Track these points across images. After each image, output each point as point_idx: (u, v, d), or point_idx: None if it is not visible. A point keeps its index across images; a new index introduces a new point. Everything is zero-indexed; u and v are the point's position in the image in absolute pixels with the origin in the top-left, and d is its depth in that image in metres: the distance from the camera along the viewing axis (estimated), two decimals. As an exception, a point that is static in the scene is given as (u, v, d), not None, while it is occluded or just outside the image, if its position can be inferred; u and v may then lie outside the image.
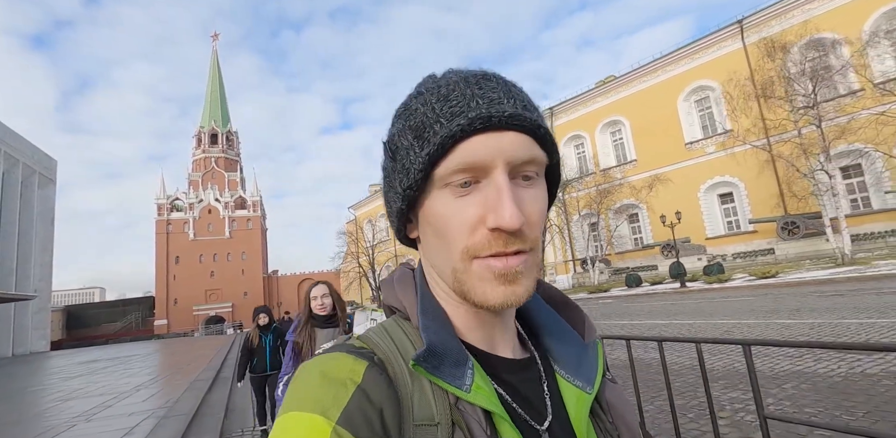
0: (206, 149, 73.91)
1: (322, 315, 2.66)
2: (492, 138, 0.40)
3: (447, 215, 0.42)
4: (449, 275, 0.44)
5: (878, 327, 6.37)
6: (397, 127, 0.44)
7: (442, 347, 0.42)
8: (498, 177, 0.40)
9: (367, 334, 0.47)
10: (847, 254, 18.54)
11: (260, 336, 4.96)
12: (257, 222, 72.28)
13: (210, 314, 65.28)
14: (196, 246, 67.90)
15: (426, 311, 0.45)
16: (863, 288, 11.64)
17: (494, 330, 0.47)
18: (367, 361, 0.42)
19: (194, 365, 12.45)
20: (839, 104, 23.09)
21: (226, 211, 70.07)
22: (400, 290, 0.50)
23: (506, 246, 0.40)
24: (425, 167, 0.41)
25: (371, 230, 51.61)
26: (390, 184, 0.46)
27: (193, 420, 5.36)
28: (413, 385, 0.42)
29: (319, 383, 0.39)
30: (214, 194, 70.40)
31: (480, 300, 0.42)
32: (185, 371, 11.15)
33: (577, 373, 0.48)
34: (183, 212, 68.87)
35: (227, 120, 78.12)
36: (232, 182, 73.41)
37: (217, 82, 79.19)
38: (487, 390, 0.42)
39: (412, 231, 0.48)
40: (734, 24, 29.15)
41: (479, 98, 0.41)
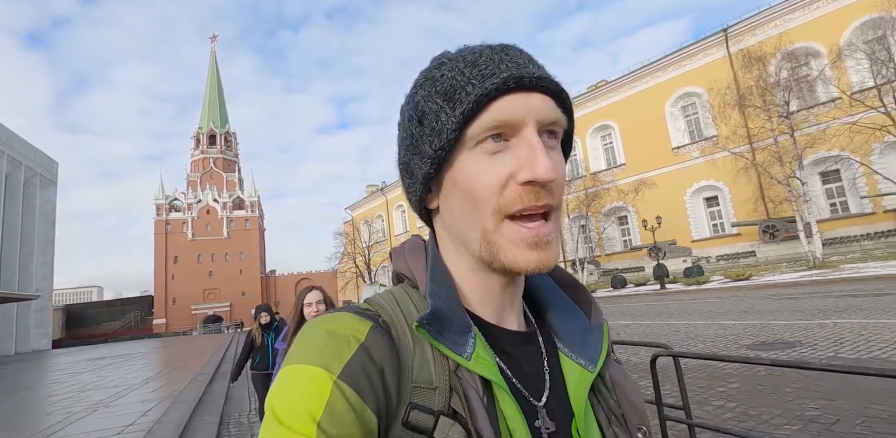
0: (204, 150, 74.59)
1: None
2: (522, 98, 0.41)
3: (479, 173, 0.42)
4: (477, 239, 0.44)
5: (798, 328, 7.22)
6: (422, 94, 0.45)
7: (446, 313, 0.43)
8: (529, 134, 0.41)
9: (374, 297, 0.48)
10: (818, 258, 19.44)
11: (262, 334, 5.05)
12: (255, 222, 73.02)
13: (208, 313, 66.03)
14: (194, 246, 68.62)
15: (435, 278, 0.46)
16: (817, 291, 12.52)
17: (504, 304, 0.48)
18: (371, 322, 0.43)
19: (195, 360, 13.28)
20: (813, 113, 24.03)
21: (224, 211, 70.80)
22: (411, 258, 0.51)
23: (537, 200, 0.41)
24: (459, 126, 0.42)
25: (367, 231, 52.35)
26: (415, 149, 0.46)
27: (198, 405, 6.21)
28: (415, 348, 0.42)
29: (323, 339, 0.40)
30: (213, 195, 71.11)
31: (510, 263, 0.42)
32: (187, 366, 11.98)
33: (581, 352, 0.49)
34: (182, 212, 69.56)
35: (225, 121, 78.80)
36: (230, 182, 74.11)
37: (215, 83, 79.86)
38: (488, 359, 0.43)
39: (431, 200, 0.48)
40: (719, 32, 30.03)
41: (507, 62, 0.42)
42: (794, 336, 6.60)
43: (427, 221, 0.51)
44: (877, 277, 13.49)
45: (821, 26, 25.86)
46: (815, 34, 25.91)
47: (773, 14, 27.95)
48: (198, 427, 5.08)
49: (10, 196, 33.03)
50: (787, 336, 6.65)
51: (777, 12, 27.80)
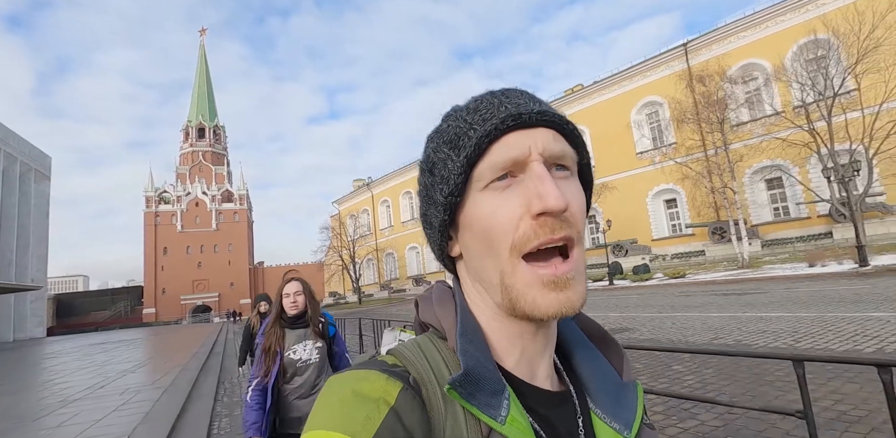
0: (193, 144, 75.66)
1: (293, 313, 2.43)
2: (523, 134, 0.41)
3: (490, 213, 0.41)
4: (497, 284, 0.42)
5: (646, 319, 9.50)
6: (431, 147, 0.46)
7: (479, 373, 0.40)
8: (536, 167, 0.41)
9: (401, 350, 0.45)
10: (746, 259, 21.94)
11: (261, 322, 4.98)
12: (244, 215, 74.53)
13: (197, 303, 67.79)
14: (184, 238, 70.05)
15: (465, 333, 0.43)
16: (718, 289, 14.93)
17: (534, 356, 0.46)
18: (401, 382, 0.40)
19: (192, 344, 15.38)
20: (746, 129, 26.53)
21: (213, 204, 72.18)
22: (439, 308, 0.48)
23: (553, 233, 0.40)
24: (465, 170, 0.42)
25: (353, 224, 54.20)
26: (429, 199, 0.46)
27: (200, 372, 8.36)
28: (446, 410, 0.40)
29: (351, 401, 0.38)
30: (202, 187, 72.42)
31: (530, 308, 0.40)
32: (186, 347, 14.11)
33: (615, 415, 0.46)
34: (171, 204, 70.83)
35: (214, 114, 79.74)
36: (219, 175, 75.38)
37: (204, 77, 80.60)
38: (523, 423, 0.40)
39: (453, 248, 0.48)
40: (679, 46, 32.26)
41: (506, 104, 0.43)
42: (633, 325, 8.89)
43: (451, 270, 0.51)
44: (785, 277, 15.84)
45: (768, 44, 28.18)
46: (764, 51, 28.25)
47: (728, 31, 30.23)
48: (203, 384, 7.24)
49: (7, 190, 34.47)
50: (627, 325, 8.93)
51: (732, 30, 30.08)
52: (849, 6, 22.21)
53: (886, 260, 15.07)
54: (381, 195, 58.34)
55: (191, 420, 4.94)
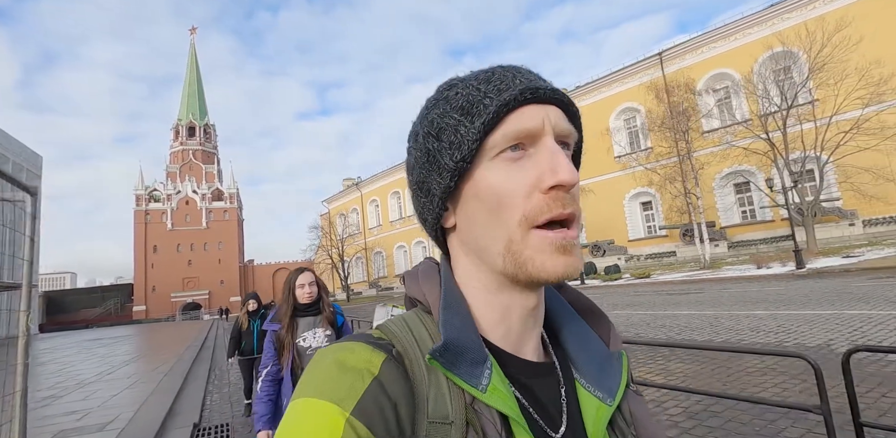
0: (183, 142, 76.07)
1: (307, 303, 2.47)
2: (539, 108, 0.42)
3: (501, 182, 0.42)
4: (500, 252, 0.43)
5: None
6: (436, 112, 0.45)
7: (460, 343, 0.41)
8: (549, 142, 0.42)
9: (387, 325, 0.46)
10: (707, 260, 23.41)
11: (249, 320, 5.24)
12: (234, 213, 75.18)
13: (187, 301, 68.47)
14: (174, 236, 70.62)
15: (449, 305, 0.45)
16: (669, 289, 16.32)
17: (522, 329, 0.46)
18: (385, 353, 0.41)
19: (184, 339, 16.50)
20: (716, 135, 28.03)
21: (203, 202, 72.77)
22: (424, 283, 0.49)
23: (563, 207, 0.41)
24: (480, 136, 0.42)
25: (342, 223, 55.17)
26: (433, 165, 0.45)
27: (193, 362, 9.53)
28: (430, 380, 0.41)
29: (336, 371, 0.39)
30: (192, 186, 72.95)
31: (538, 270, 0.41)
32: (179, 342, 15.24)
33: (599, 383, 0.48)
34: (161, 202, 71.31)
35: (204, 113, 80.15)
36: (209, 174, 75.91)
37: (195, 75, 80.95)
38: (504, 392, 0.41)
39: (448, 219, 0.48)
40: (655, 55, 33.69)
41: (520, 77, 0.43)
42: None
43: (440, 242, 0.51)
44: (733, 278, 17.23)
45: (736, 56, 29.65)
46: (733, 62, 29.74)
47: (701, 42, 31.71)
48: (196, 370, 8.43)
49: (-1, 190, 35.08)
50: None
51: (703, 40, 31.56)
52: (800, 25, 23.69)
53: (821, 263, 16.55)
54: (370, 195, 59.40)
55: (189, 395, 6.13)
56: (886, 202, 22.08)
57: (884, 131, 20.14)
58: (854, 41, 20.71)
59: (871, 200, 22.24)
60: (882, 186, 21.20)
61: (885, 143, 20.56)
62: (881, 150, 20.25)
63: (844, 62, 20.57)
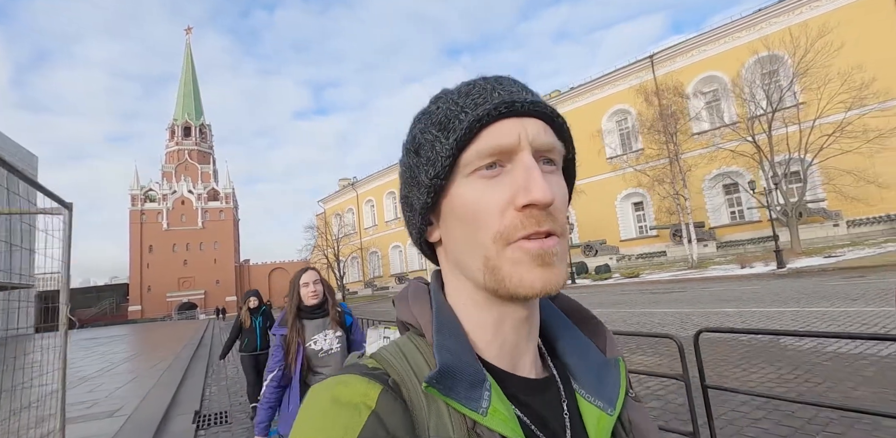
0: (179, 142, 76.11)
1: (312, 304, 2.38)
2: (516, 123, 0.41)
3: (476, 200, 0.41)
4: (479, 268, 0.42)
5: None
6: (418, 127, 0.45)
7: (457, 367, 0.40)
8: (525, 158, 0.40)
9: (381, 353, 0.45)
10: (695, 260, 23.92)
11: (251, 318, 5.30)
12: (230, 213, 75.29)
13: (183, 300, 68.57)
14: (169, 236, 70.70)
15: (441, 328, 0.44)
16: (654, 289, 16.79)
17: (517, 344, 0.45)
18: (381, 384, 0.40)
19: (181, 338, 16.84)
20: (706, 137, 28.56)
21: (199, 202, 72.85)
22: (415, 305, 0.48)
23: (539, 225, 0.40)
24: (453, 153, 0.41)
25: (337, 223, 55.50)
26: (413, 181, 0.45)
27: (191, 359, 9.91)
28: (429, 408, 0.40)
29: (331, 408, 0.38)
30: (188, 186, 73.01)
31: (516, 286, 0.40)
32: (177, 340, 15.58)
33: (599, 393, 0.47)
34: (157, 202, 71.35)
35: (200, 113, 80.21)
36: (205, 174, 75.98)
37: (190, 75, 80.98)
38: (506, 413, 0.40)
39: (432, 233, 0.47)
40: (646, 57, 34.22)
41: (499, 90, 0.42)
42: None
43: (429, 256, 0.51)
44: (717, 277, 17.71)
45: (726, 59, 30.20)
46: (722, 65, 30.29)
47: (691, 45, 32.26)
48: (195, 366, 8.81)
49: (-5, 190, 35.24)
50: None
51: (693, 44, 32.11)
52: (785, 30, 24.23)
53: (802, 263, 17.07)
54: (366, 195, 59.75)
55: (189, 387, 6.51)
56: (867, 203, 22.64)
57: (866, 134, 20.68)
58: (836, 47, 21.25)
59: (853, 202, 22.80)
60: (863, 188, 21.76)
61: (867, 146, 21.10)
62: (863, 153, 20.80)
63: (827, 67, 21.10)
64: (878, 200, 22.56)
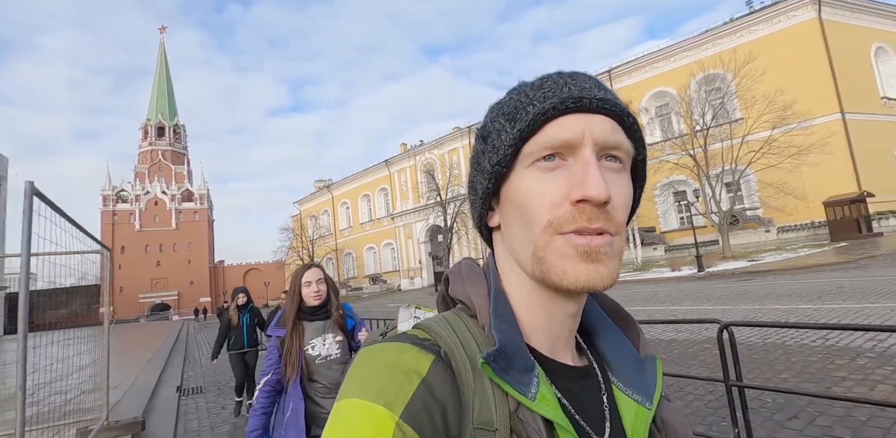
0: (152, 142, 75.79)
1: (315, 304, 2.21)
2: (581, 118, 0.41)
3: (532, 189, 0.42)
4: (529, 256, 0.43)
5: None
6: (490, 116, 0.46)
7: (512, 350, 0.41)
8: (586, 154, 0.40)
9: (430, 324, 0.45)
10: (639, 263, 26.12)
11: (239, 315, 5.25)
12: (204, 214, 75.32)
13: (156, 301, 68.44)
14: (142, 237, 70.42)
15: (498, 310, 0.44)
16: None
17: (560, 333, 0.46)
18: (433, 354, 0.41)
19: (158, 337, 18.04)
20: (657, 147, 30.95)
21: (172, 203, 72.74)
22: (469, 284, 0.49)
23: (589, 222, 0.40)
24: (515, 143, 0.42)
25: (313, 225, 56.41)
26: (478, 167, 0.47)
27: (170, 353, 11.31)
28: (475, 385, 0.40)
29: (384, 372, 0.38)
30: (161, 187, 72.82)
31: (560, 277, 0.41)
32: (154, 340, 16.80)
33: (636, 387, 0.48)
34: (129, 203, 70.97)
35: (174, 113, 79.89)
36: (179, 175, 75.83)
37: (164, 75, 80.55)
38: (552, 400, 0.41)
39: (492, 218, 0.48)
40: (605, 72, 36.51)
41: (571, 85, 0.42)
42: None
43: (487, 240, 0.52)
44: (648, 280, 19.73)
45: (674, 76, 32.65)
46: (671, 81, 32.72)
47: (645, 61, 34.69)
48: (174, 358, 10.25)
49: (-35, 192, 35.32)
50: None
51: (647, 61, 34.54)
52: (715, 56, 26.76)
53: (723, 267, 19.29)
54: (341, 197, 60.82)
55: (170, 371, 8.01)
56: (786, 213, 25.24)
57: (787, 150, 23.12)
58: (759, 72, 23.68)
59: (775, 211, 25.40)
60: (783, 199, 24.27)
61: (787, 161, 23.57)
62: (783, 168, 23.23)
63: (753, 90, 23.52)
64: (794, 210, 25.19)
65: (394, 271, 51.83)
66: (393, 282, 50.45)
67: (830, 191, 24.24)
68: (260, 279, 70.76)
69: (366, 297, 40.27)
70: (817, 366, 4.66)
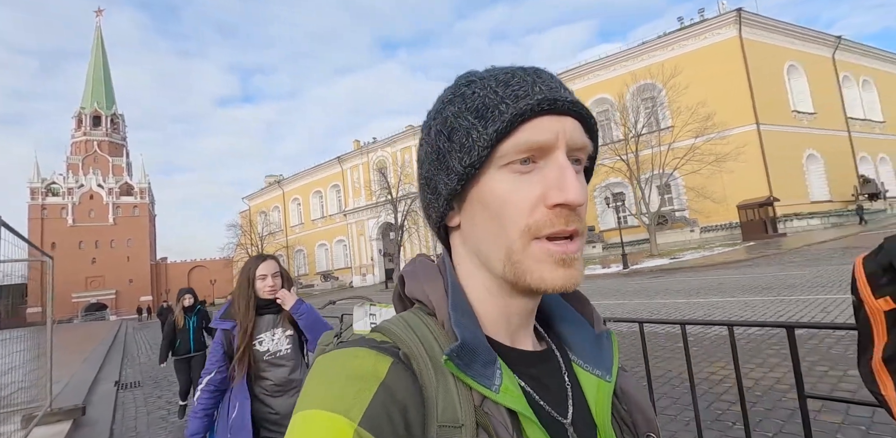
0: (87, 132, 71.44)
1: (269, 298, 2.05)
2: (555, 120, 0.41)
3: (507, 193, 0.41)
4: (501, 259, 0.43)
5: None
6: (451, 110, 0.44)
7: (473, 344, 0.41)
8: (560, 157, 0.41)
9: (388, 327, 0.45)
10: (576, 260, 27.83)
11: (184, 317, 4.96)
12: (144, 209, 71.94)
13: (91, 301, 64.91)
14: (75, 233, 66.43)
15: (457, 306, 0.44)
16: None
17: (520, 323, 0.47)
18: (391, 357, 0.40)
19: (95, 337, 17.69)
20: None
21: (110, 197, 68.98)
22: (426, 282, 0.48)
23: (566, 224, 0.41)
24: (491, 143, 0.41)
25: (262, 221, 55.39)
26: (442, 165, 0.45)
27: (109, 351, 11.43)
28: (438, 383, 0.40)
29: (341, 379, 0.38)
30: (97, 180, 68.85)
31: (537, 282, 0.41)
32: (91, 340, 16.51)
33: (595, 362, 0.49)
34: (61, 196, 66.71)
35: (112, 102, 75.58)
36: (117, 167, 71.98)
37: (101, 61, 75.95)
38: (515, 390, 0.42)
39: (452, 218, 0.47)
40: (551, 78, 38.21)
41: (540, 84, 0.42)
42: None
43: (442, 238, 0.51)
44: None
45: (612, 84, 34.69)
46: (609, 89, 34.76)
47: (588, 69, 36.61)
48: (112, 355, 10.43)
49: None
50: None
51: (590, 69, 36.47)
52: (645, 69, 28.89)
53: (645, 264, 21.08)
54: (292, 193, 59.95)
55: (109, 368, 8.31)
56: (705, 215, 27.72)
57: (707, 158, 25.36)
58: (684, 86, 25.81)
59: (696, 213, 27.80)
60: (703, 202, 26.62)
61: (708, 168, 25.85)
62: (703, 174, 25.46)
63: (678, 102, 25.62)
64: (713, 212, 27.68)
65: (346, 268, 51.86)
66: (345, 279, 50.52)
67: (745, 195, 26.77)
68: (206, 277, 68.57)
69: (317, 294, 40.20)
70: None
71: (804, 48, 32.88)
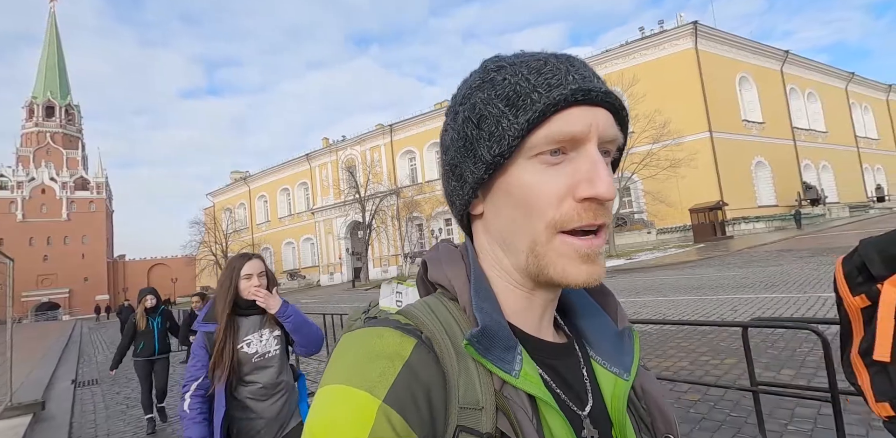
0: (39, 123, 68.14)
1: (252, 299, 1.97)
2: (588, 112, 0.40)
3: (536, 184, 0.41)
4: (524, 250, 0.43)
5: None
6: (480, 96, 0.43)
7: (494, 329, 0.41)
8: (591, 149, 0.40)
9: (411, 310, 0.46)
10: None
11: (147, 319, 4.78)
12: (101, 204, 69.22)
13: (42, 300, 62.05)
14: (25, 229, 63.33)
15: (479, 292, 0.44)
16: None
17: (541, 313, 0.47)
18: (415, 338, 0.41)
19: (48, 337, 17.22)
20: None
21: (63, 191, 66.05)
22: (449, 267, 0.48)
23: (595, 218, 0.40)
24: (522, 133, 0.40)
25: (227, 219, 54.27)
26: (469, 153, 0.44)
27: (64, 350, 11.32)
28: (459, 366, 0.41)
29: (365, 357, 0.39)
30: (50, 173, 65.79)
31: (559, 276, 0.41)
32: (44, 339, 16.10)
33: (614, 360, 0.49)
34: (9, 190, 63.44)
35: (66, 92, 72.31)
36: (72, 160, 68.94)
37: (55, 50, 72.52)
38: (535, 377, 0.42)
39: (476, 206, 0.47)
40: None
41: (573, 73, 0.41)
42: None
43: (465, 226, 0.51)
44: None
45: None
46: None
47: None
48: (68, 354, 10.38)
49: None
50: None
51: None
52: (606, 77, 30.02)
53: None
54: (259, 190, 58.95)
55: (65, 367, 8.36)
56: (660, 217, 29.12)
57: (663, 163, 26.64)
58: (641, 94, 27.03)
59: (651, 216, 29.17)
60: (658, 205, 27.97)
61: (663, 172, 27.14)
62: (658, 179, 26.74)
63: (636, 109, 26.81)
64: (668, 215, 29.13)
65: (313, 266, 51.46)
66: (312, 278, 50.16)
67: (698, 199, 28.23)
68: (167, 275, 66.62)
69: (283, 293, 39.76)
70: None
71: (755, 61, 34.83)
